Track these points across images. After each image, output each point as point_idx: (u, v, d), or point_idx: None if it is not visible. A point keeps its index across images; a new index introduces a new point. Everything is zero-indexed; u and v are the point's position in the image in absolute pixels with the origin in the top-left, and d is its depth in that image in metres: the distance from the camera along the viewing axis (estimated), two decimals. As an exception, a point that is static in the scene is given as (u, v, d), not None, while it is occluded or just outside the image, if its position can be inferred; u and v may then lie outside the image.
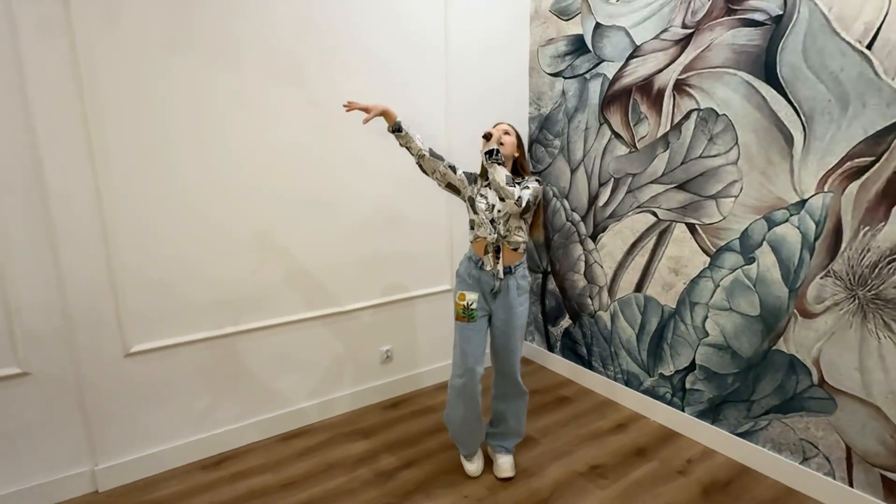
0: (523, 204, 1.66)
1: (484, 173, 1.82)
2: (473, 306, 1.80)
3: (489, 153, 1.65)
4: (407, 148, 1.76)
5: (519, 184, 1.74)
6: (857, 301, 1.70)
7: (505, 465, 1.94)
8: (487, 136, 1.66)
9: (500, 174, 1.64)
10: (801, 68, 1.74)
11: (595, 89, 2.49)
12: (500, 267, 1.77)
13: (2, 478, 1.72)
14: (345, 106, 1.69)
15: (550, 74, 2.73)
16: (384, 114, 1.70)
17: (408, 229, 2.50)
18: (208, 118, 1.90)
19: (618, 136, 2.42)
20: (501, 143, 1.71)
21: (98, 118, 1.71)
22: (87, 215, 1.73)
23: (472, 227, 1.82)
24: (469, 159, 2.47)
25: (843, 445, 1.77)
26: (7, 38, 1.56)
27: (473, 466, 1.95)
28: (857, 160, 1.66)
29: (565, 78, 2.65)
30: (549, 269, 2.90)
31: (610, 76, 2.40)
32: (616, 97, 2.40)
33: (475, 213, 1.80)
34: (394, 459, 2.07)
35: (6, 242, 1.63)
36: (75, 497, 1.84)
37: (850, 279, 1.71)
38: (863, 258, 1.68)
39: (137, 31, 1.74)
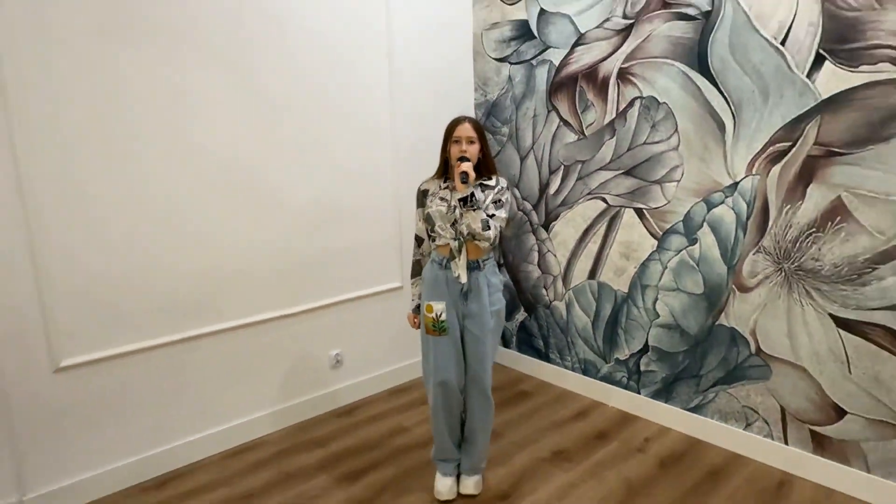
0: (495, 241, 1.97)
1: (441, 174, 2.09)
2: (443, 317, 1.92)
3: (462, 200, 1.91)
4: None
5: (488, 186, 2.02)
6: (783, 273, 2.29)
7: (469, 483, 2.17)
8: (464, 179, 1.89)
9: (476, 221, 1.91)
10: (729, 61, 2.30)
11: (542, 76, 2.99)
12: (461, 272, 1.97)
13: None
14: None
15: (496, 59, 3.21)
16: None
17: (351, 224, 2.83)
18: (139, 112, 2.11)
19: (566, 123, 2.93)
20: (467, 175, 1.91)
21: (22, 118, 1.88)
22: (9, 217, 1.90)
23: (432, 240, 2.07)
24: (412, 139, 2.94)
25: (779, 407, 2.36)
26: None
27: (445, 488, 2.13)
28: (777, 145, 2.23)
29: (511, 63, 3.13)
30: (502, 262, 3.37)
31: (556, 63, 2.92)
32: (563, 84, 2.91)
33: (433, 229, 2.03)
34: (356, 463, 2.44)
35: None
36: (-2, 533, 1.98)
37: (777, 254, 2.29)
38: (786, 234, 2.26)
39: (63, 17, 1.92)
